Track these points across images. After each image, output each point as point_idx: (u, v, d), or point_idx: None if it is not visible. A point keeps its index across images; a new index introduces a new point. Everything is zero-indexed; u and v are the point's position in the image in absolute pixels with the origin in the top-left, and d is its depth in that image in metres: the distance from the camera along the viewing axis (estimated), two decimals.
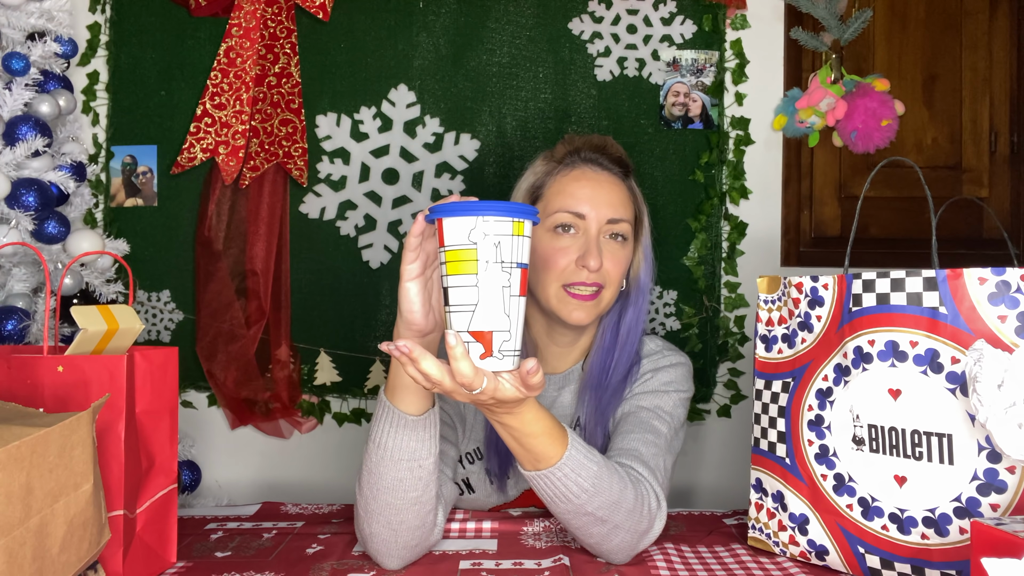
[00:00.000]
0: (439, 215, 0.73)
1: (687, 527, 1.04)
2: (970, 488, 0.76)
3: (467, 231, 0.72)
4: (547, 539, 0.98)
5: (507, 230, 0.73)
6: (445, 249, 0.73)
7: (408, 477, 0.87)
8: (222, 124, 1.68)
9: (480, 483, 1.11)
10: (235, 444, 1.74)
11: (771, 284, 0.97)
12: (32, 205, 1.34)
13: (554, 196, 1.05)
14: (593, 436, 1.07)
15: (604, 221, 1.04)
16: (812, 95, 1.61)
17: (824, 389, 0.88)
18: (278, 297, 1.70)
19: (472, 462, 1.11)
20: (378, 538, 0.89)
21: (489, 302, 0.72)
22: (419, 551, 0.92)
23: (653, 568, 0.88)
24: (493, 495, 1.12)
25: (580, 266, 1.02)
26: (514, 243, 0.73)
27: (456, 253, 0.72)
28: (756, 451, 0.96)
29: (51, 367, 0.79)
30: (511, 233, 0.73)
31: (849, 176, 1.74)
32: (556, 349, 1.12)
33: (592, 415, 1.07)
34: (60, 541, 0.65)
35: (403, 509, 0.88)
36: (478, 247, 0.72)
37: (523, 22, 1.71)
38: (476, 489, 1.12)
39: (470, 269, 0.72)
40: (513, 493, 1.11)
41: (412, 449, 0.86)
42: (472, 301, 0.72)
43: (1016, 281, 0.75)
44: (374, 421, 0.88)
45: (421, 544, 0.91)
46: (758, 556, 0.93)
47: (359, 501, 0.90)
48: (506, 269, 0.73)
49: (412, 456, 0.86)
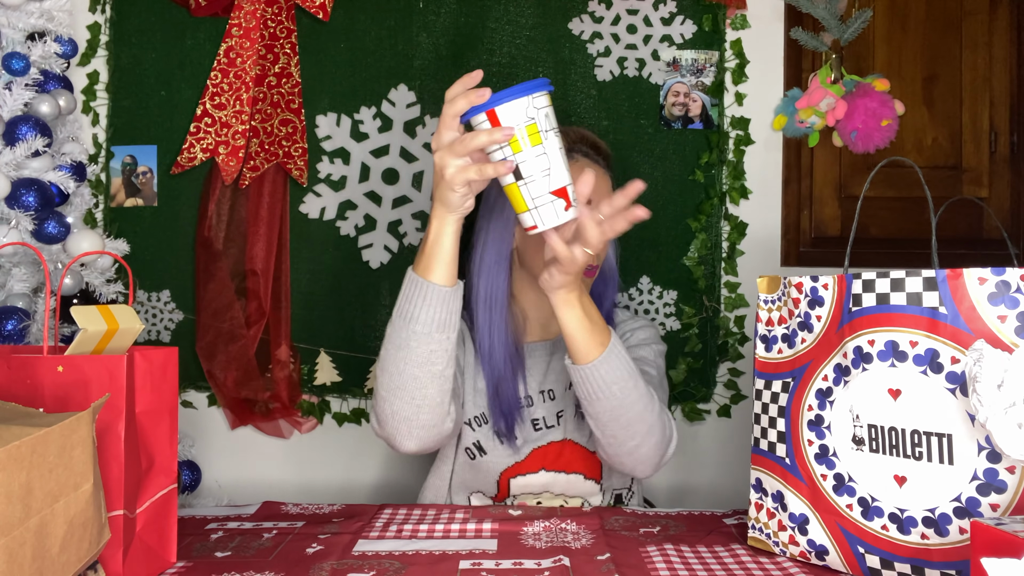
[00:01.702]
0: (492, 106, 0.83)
1: (687, 527, 1.04)
2: (970, 488, 0.76)
3: (523, 111, 0.83)
4: (547, 539, 0.98)
5: (546, 103, 0.85)
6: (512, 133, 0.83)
7: (437, 349, 0.95)
8: (222, 124, 1.68)
9: (491, 445, 1.17)
10: (235, 444, 1.74)
11: (771, 284, 0.97)
12: (32, 205, 1.34)
13: None
14: None
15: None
16: (812, 95, 1.61)
17: (824, 389, 0.88)
18: (278, 297, 1.70)
19: (480, 426, 1.18)
20: (399, 416, 0.97)
21: (557, 163, 0.84)
22: (434, 435, 1.00)
23: (653, 569, 0.88)
24: (505, 455, 1.17)
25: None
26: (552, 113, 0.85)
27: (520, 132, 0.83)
28: (756, 451, 0.96)
29: (51, 367, 0.79)
30: (548, 104, 0.85)
31: (849, 176, 1.74)
32: (543, 320, 1.23)
33: None
34: (60, 541, 0.65)
35: (427, 383, 0.96)
36: (536, 120, 0.83)
37: (523, 22, 1.71)
38: (488, 451, 1.17)
39: (536, 140, 0.83)
40: (525, 451, 1.18)
41: (443, 320, 0.94)
42: (544, 167, 0.83)
43: (1016, 281, 0.75)
44: (402, 299, 0.96)
45: (437, 427, 0.99)
46: (758, 556, 0.93)
47: (380, 382, 0.98)
48: (557, 133, 0.85)
49: (441, 327, 0.94)
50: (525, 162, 0.84)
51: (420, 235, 1.71)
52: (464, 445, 1.19)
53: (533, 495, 1.20)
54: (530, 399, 1.21)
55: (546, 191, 0.84)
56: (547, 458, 1.18)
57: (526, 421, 1.18)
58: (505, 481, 1.19)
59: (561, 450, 1.19)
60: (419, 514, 1.08)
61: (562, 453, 1.19)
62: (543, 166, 0.84)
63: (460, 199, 0.91)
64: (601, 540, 0.98)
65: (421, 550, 0.94)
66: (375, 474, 1.75)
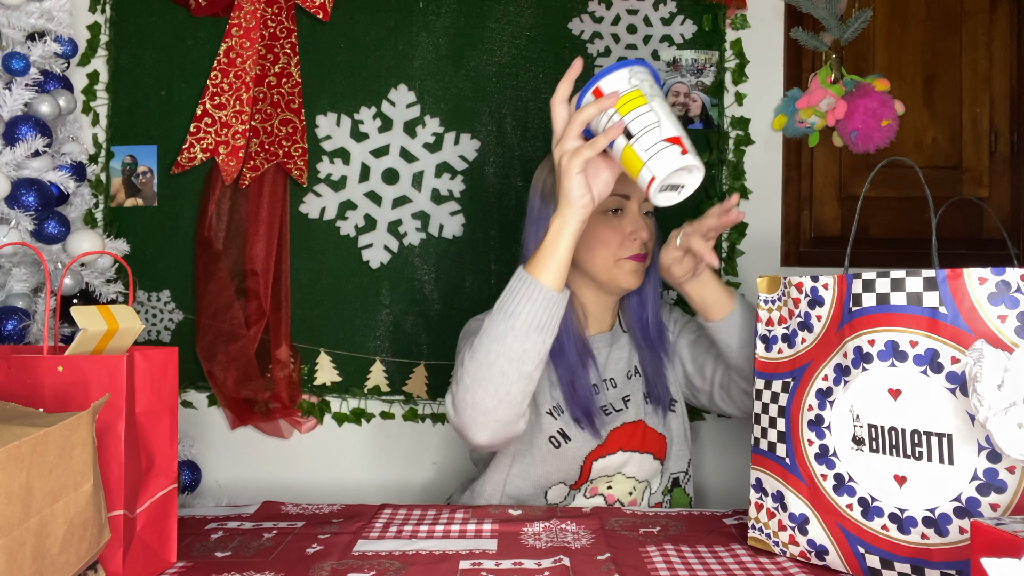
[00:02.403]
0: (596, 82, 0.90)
1: (687, 527, 1.04)
2: (970, 488, 0.76)
3: (627, 79, 0.89)
4: (547, 539, 0.98)
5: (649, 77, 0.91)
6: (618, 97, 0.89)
7: (531, 350, 0.96)
8: (222, 124, 1.68)
9: (574, 432, 1.21)
10: (235, 444, 1.74)
11: (771, 284, 0.97)
12: (32, 205, 1.34)
13: None
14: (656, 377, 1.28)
15: (642, 199, 1.22)
16: (812, 95, 1.61)
17: (824, 389, 0.88)
18: (278, 297, 1.70)
19: (560, 415, 1.21)
20: (480, 406, 0.98)
21: (666, 115, 0.88)
22: (508, 432, 1.02)
23: (653, 569, 0.88)
24: (588, 440, 1.21)
25: (632, 240, 1.20)
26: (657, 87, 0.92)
27: (626, 96, 0.88)
28: (756, 451, 0.96)
29: (51, 367, 0.79)
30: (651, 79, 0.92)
31: (849, 176, 1.74)
32: (599, 314, 1.30)
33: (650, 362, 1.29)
34: (60, 541, 0.65)
35: (514, 381, 0.97)
36: (639, 87, 0.89)
37: (523, 22, 1.71)
38: (572, 438, 1.21)
39: (642, 101, 0.88)
40: (604, 434, 1.22)
41: (543, 322, 0.96)
42: (654, 120, 0.87)
43: (1016, 281, 0.75)
44: (508, 294, 0.98)
45: (512, 424, 1.02)
46: (758, 556, 0.93)
47: (467, 370, 0.99)
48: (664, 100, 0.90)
49: (541, 328, 0.96)
50: (634, 120, 0.87)
51: (420, 235, 1.72)
52: (548, 435, 1.21)
53: (607, 478, 1.24)
54: (597, 387, 1.26)
55: (659, 139, 0.86)
56: (622, 438, 1.24)
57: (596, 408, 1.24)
58: (588, 464, 1.23)
59: (634, 430, 1.25)
60: (419, 514, 1.08)
61: (635, 433, 1.25)
62: (651, 120, 0.87)
63: (580, 192, 0.93)
64: (601, 540, 0.98)
65: (421, 550, 0.94)
66: (375, 474, 1.75)
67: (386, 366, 1.72)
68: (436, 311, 1.71)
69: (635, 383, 1.28)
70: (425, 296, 1.72)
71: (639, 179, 0.89)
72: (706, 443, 1.72)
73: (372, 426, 1.74)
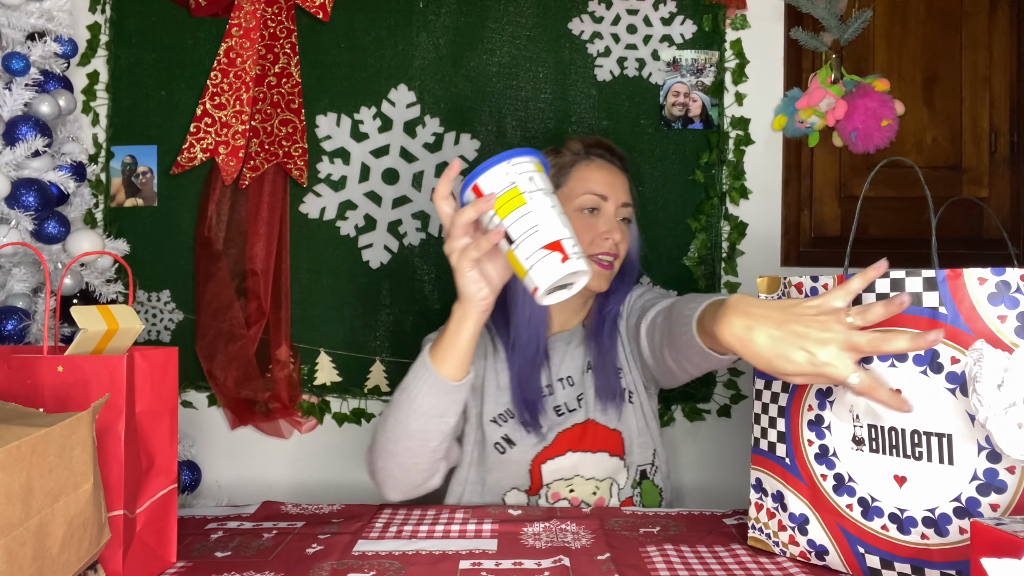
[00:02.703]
0: (473, 180, 0.86)
1: (687, 527, 1.04)
2: (970, 488, 0.76)
3: (503, 176, 0.85)
4: (547, 539, 0.98)
5: (530, 167, 0.86)
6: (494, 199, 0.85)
7: (433, 430, 1.03)
8: (222, 124, 1.68)
9: (519, 435, 1.22)
10: (235, 444, 1.74)
11: (771, 284, 0.97)
12: (32, 205, 1.34)
13: (579, 182, 1.25)
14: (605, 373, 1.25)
15: (620, 204, 1.25)
16: (812, 95, 1.61)
17: (824, 389, 0.88)
18: (278, 297, 1.70)
19: (506, 421, 1.23)
20: (389, 473, 1.07)
21: (546, 219, 0.83)
22: (419, 491, 1.10)
23: (652, 569, 0.88)
24: (533, 443, 1.22)
25: (604, 239, 1.21)
26: (540, 176, 0.87)
27: (504, 197, 0.84)
28: (756, 451, 0.96)
29: (51, 367, 0.79)
30: (534, 169, 0.86)
31: (849, 176, 1.74)
32: (564, 314, 1.31)
33: (599, 357, 1.26)
34: (60, 541, 0.65)
35: (419, 454, 1.04)
36: (517, 183, 0.84)
37: (523, 22, 1.71)
38: (516, 442, 1.22)
39: (520, 202, 0.84)
40: (551, 436, 1.22)
41: (443, 408, 1.02)
42: (533, 224, 0.83)
43: (1016, 281, 0.75)
44: (412, 377, 1.02)
45: (422, 486, 1.09)
46: (758, 556, 0.93)
47: (379, 439, 1.06)
48: (547, 194, 0.85)
49: (442, 414, 1.02)
50: (513, 225, 0.84)
51: (420, 235, 1.72)
52: (492, 441, 1.22)
53: (565, 481, 1.23)
54: (551, 388, 1.26)
55: (538, 247, 0.82)
56: (572, 439, 1.23)
57: (548, 409, 1.24)
58: (537, 469, 1.22)
59: (584, 430, 1.23)
60: (419, 514, 1.08)
61: (585, 432, 1.23)
62: (530, 224, 0.83)
63: (475, 288, 0.93)
64: (601, 540, 0.98)
65: (421, 550, 0.94)
66: None
67: (386, 366, 1.72)
68: (436, 311, 1.71)
69: (589, 379, 1.27)
70: (425, 296, 1.72)
71: (525, 283, 0.86)
72: (706, 443, 1.72)
73: (372, 426, 1.74)
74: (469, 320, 0.97)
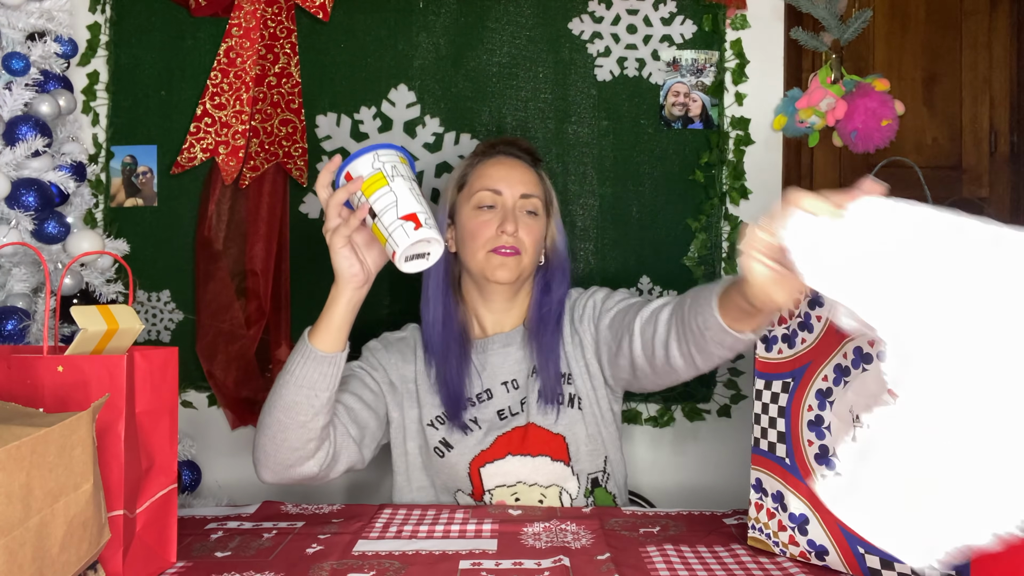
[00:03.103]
0: (345, 167, 1.00)
1: (687, 527, 1.04)
2: None
3: (370, 164, 0.99)
4: (547, 539, 0.98)
5: (394, 158, 1.01)
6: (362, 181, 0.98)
7: (303, 402, 1.06)
8: (222, 124, 1.68)
9: (456, 438, 1.22)
10: (235, 444, 1.74)
11: None
12: (32, 205, 1.34)
13: (476, 180, 1.26)
14: (546, 375, 1.23)
15: (518, 196, 1.24)
16: (812, 95, 1.61)
17: (824, 389, 0.88)
18: (278, 297, 1.70)
19: (443, 423, 1.24)
20: (260, 449, 1.10)
21: (404, 196, 0.97)
22: (291, 474, 1.10)
23: (653, 569, 0.88)
24: (471, 446, 1.22)
25: (500, 232, 1.20)
26: (403, 166, 1.01)
27: (370, 180, 0.98)
28: (756, 451, 0.96)
29: (51, 367, 0.79)
30: (398, 160, 1.01)
31: (849, 176, 1.74)
32: (492, 314, 1.30)
33: (540, 358, 1.24)
34: (60, 541, 0.65)
35: (289, 428, 1.07)
36: (382, 170, 0.99)
37: (523, 22, 1.71)
38: (454, 445, 1.22)
39: (383, 183, 0.98)
40: (489, 439, 1.22)
41: (313, 380, 1.06)
42: (392, 200, 0.97)
43: None
44: (292, 352, 1.09)
45: (295, 467, 1.09)
46: (758, 556, 0.93)
47: (260, 418, 1.10)
48: (407, 179, 1.00)
49: (311, 385, 1.06)
50: (376, 201, 0.97)
51: None
52: (431, 446, 1.23)
53: (508, 487, 1.20)
54: (490, 391, 1.25)
55: (395, 218, 0.96)
56: (512, 443, 1.21)
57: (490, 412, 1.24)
58: (476, 472, 1.20)
59: (525, 433, 1.21)
60: (419, 514, 1.08)
61: (526, 436, 1.21)
62: (390, 200, 0.97)
63: (346, 264, 1.03)
64: (601, 540, 0.98)
65: (421, 550, 0.94)
66: (375, 474, 1.75)
67: None
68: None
69: (534, 383, 1.24)
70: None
71: (387, 250, 0.98)
72: (706, 443, 1.72)
73: None
74: (343, 296, 1.06)
